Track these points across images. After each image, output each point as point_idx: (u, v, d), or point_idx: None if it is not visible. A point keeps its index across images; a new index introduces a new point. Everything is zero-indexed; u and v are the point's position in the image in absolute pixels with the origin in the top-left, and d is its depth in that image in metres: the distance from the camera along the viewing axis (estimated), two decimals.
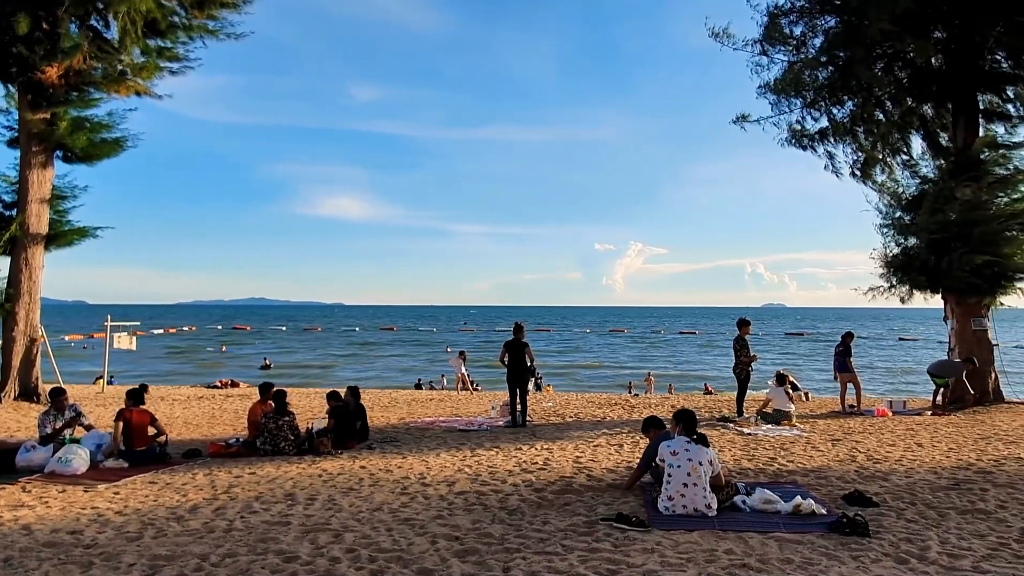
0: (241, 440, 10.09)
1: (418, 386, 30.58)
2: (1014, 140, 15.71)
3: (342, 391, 11.38)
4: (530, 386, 14.24)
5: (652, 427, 7.83)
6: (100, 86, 15.38)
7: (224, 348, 57.60)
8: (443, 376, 32.64)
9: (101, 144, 15.99)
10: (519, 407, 12.70)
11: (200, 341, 63.97)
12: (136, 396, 9.49)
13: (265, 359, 45.75)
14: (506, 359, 12.70)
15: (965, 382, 14.46)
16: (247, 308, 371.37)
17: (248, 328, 70.47)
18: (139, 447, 9.03)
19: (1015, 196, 15.00)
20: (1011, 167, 15.19)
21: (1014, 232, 14.55)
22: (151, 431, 9.31)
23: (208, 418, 14.18)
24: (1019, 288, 15.04)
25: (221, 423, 13.40)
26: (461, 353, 25.25)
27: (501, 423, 12.88)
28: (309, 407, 15.27)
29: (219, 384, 23.24)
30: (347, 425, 10.47)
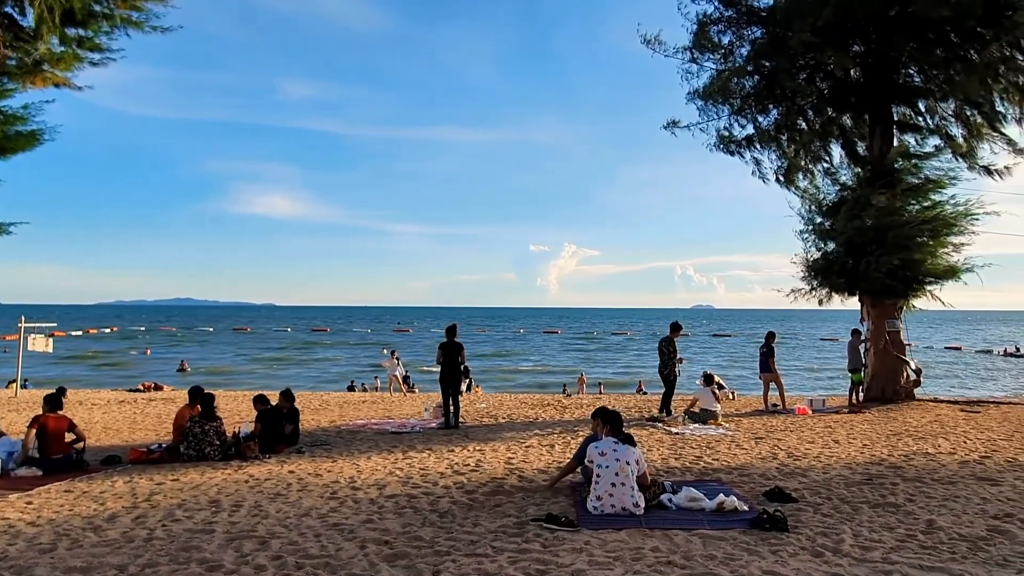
0: (164, 446, 9.77)
1: (351, 388, 30.19)
2: (925, 151, 16.56)
3: (271, 394, 11.15)
4: (463, 386, 14.24)
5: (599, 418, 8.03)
6: (14, 76, 14.63)
7: (148, 351, 55.48)
8: (376, 378, 32.31)
9: (15, 137, 15.19)
10: (452, 408, 12.69)
11: (122, 343, 61.60)
12: (54, 401, 9.09)
13: (182, 361, 44.10)
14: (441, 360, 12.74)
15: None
16: (173, 308, 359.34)
17: (174, 329, 68.32)
18: (55, 454, 8.65)
19: (926, 204, 15.80)
20: (922, 176, 16.02)
21: (924, 237, 15.34)
22: (69, 437, 8.93)
23: (130, 423, 13.68)
24: (929, 291, 15.88)
25: (143, 428, 12.95)
26: (394, 353, 25.04)
27: (434, 425, 12.84)
28: (237, 411, 14.90)
29: (142, 388, 22.45)
30: (275, 429, 10.26)
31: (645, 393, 26.15)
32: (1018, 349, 58.27)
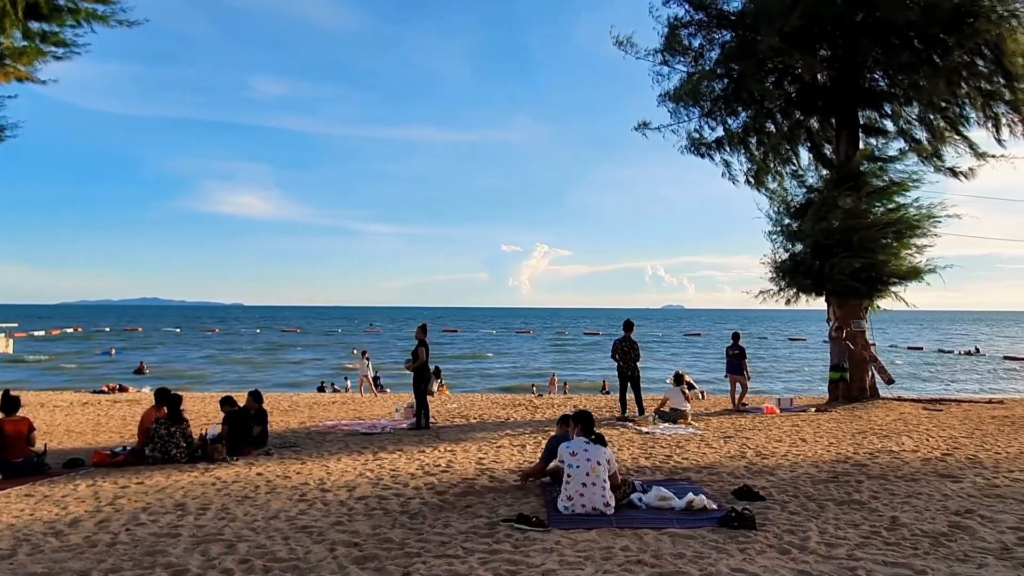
0: (128, 448, 9.59)
1: (321, 388, 29.91)
2: (890, 154, 16.89)
3: (238, 395, 11.00)
4: (434, 387, 14.17)
5: (564, 422, 8.09)
6: None
7: (113, 352, 54.37)
8: (347, 379, 32.06)
9: None
10: (423, 409, 12.64)
11: (86, 344, 60.37)
12: (11, 403, 8.87)
13: (141, 363, 43.03)
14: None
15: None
16: (139, 308, 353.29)
17: (140, 329, 67.14)
18: (14, 458, 8.44)
19: (890, 206, 16.11)
20: (887, 179, 16.34)
21: (889, 239, 15.64)
22: (30, 440, 8.71)
23: (93, 425, 13.41)
24: (893, 291, 16.18)
25: (107, 430, 12.71)
26: (364, 354, 24.87)
27: (405, 425, 12.77)
28: (204, 412, 14.69)
29: (106, 389, 22.00)
30: (243, 430, 10.13)
31: (608, 392, 26.24)
32: (977, 349, 59.69)
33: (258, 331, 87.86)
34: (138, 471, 8.61)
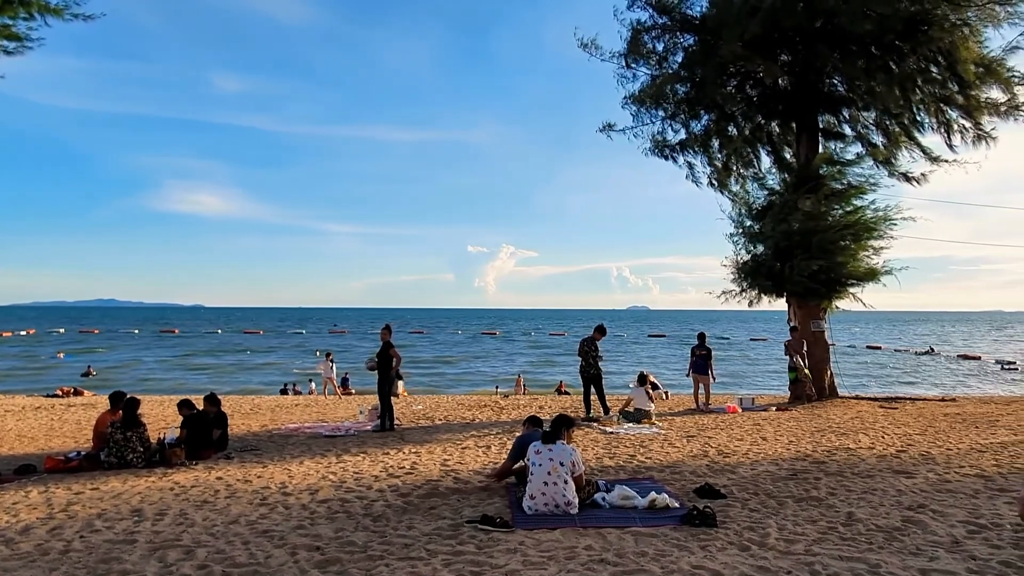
0: (83, 454, 9.37)
1: (283, 391, 29.53)
2: (848, 158, 17.25)
3: (196, 398, 10.81)
4: (400, 388, 14.06)
5: (531, 423, 8.12)
6: None
7: (61, 354, 52.84)
8: (311, 381, 31.72)
9: None
10: (387, 411, 12.56)
11: (39, 347, 58.81)
12: None
13: (89, 366, 41.79)
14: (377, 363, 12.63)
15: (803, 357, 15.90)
16: (96, 310, 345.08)
17: (96, 331, 65.59)
18: None
19: (848, 208, 16.45)
20: (845, 182, 16.68)
21: (847, 241, 15.97)
22: None
23: (46, 430, 13.07)
24: (851, 292, 16.53)
25: (61, 435, 12.39)
26: (328, 355, 24.63)
27: (369, 428, 12.69)
28: (163, 416, 14.42)
29: (60, 393, 21.45)
30: (202, 434, 9.95)
31: (567, 393, 26.30)
32: (932, 349, 61.24)
33: (219, 332, 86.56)
34: (93, 477, 8.41)
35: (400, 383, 22.03)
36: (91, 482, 8.06)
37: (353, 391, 26.93)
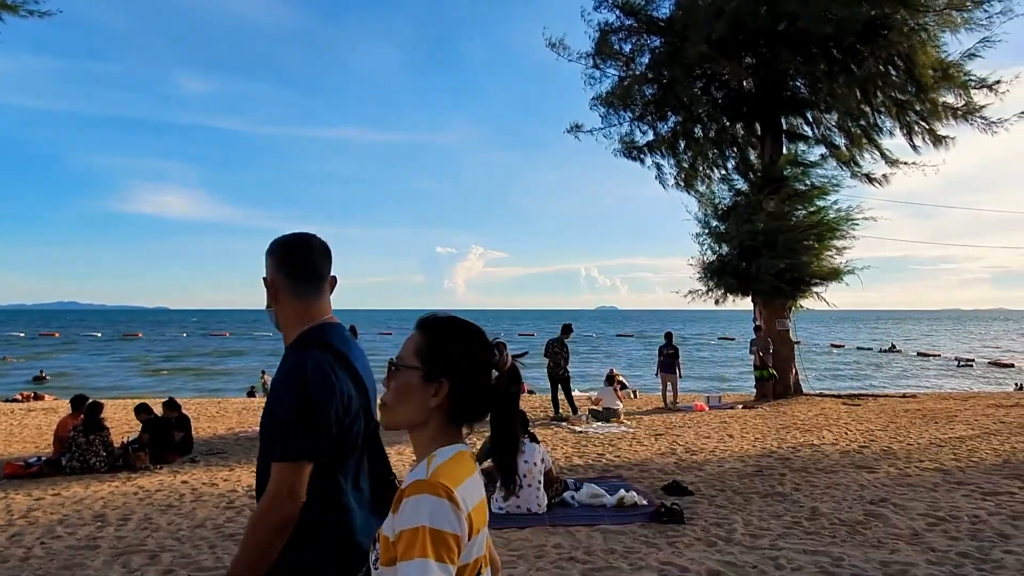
0: (44, 459, 9.16)
1: (251, 394, 29.16)
2: (811, 159, 17.56)
3: (157, 402, 10.63)
4: None
5: None
6: None
7: (10, 359, 51.11)
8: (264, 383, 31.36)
9: None
10: None
11: None
12: None
13: (41, 371, 40.46)
14: None
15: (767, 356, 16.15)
16: (57, 313, 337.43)
17: (57, 335, 64.13)
18: None
19: (811, 209, 16.72)
20: (808, 183, 16.96)
21: (811, 241, 16.23)
22: None
23: (5, 435, 12.74)
24: (815, 292, 16.81)
25: (21, 440, 12.09)
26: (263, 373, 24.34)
27: None
28: (127, 420, 14.13)
29: (20, 398, 20.95)
30: (165, 438, 9.79)
31: (532, 392, 26.28)
32: (894, 346, 62.52)
33: (184, 335, 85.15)
34: (54, 482, 8.23)
35: None
36: (52, 487, 7.89)
37: None
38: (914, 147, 16.59)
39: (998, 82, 15.15)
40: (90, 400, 9.72)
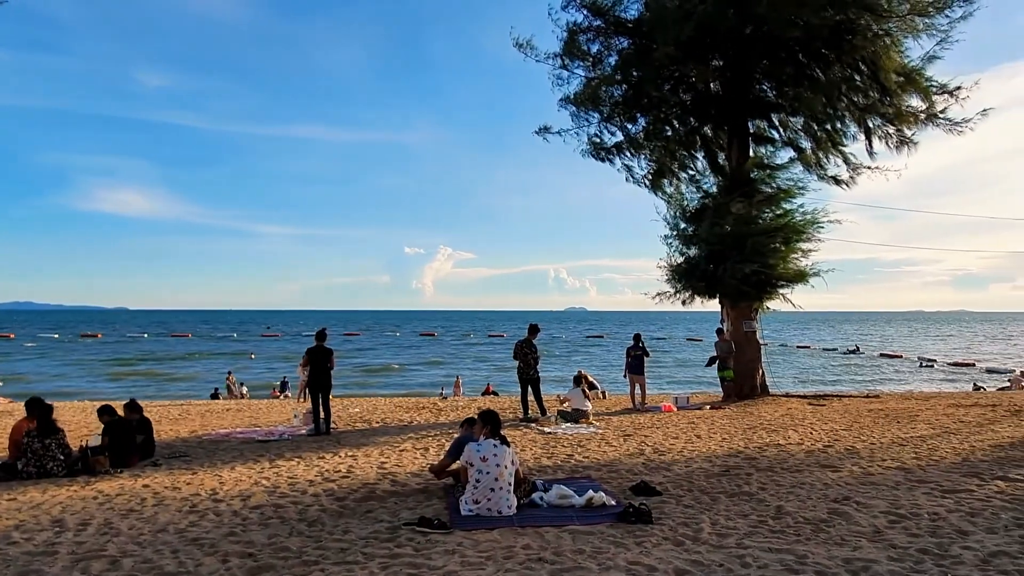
0: None
1: (215, 396, 28.73)
2: (778, 162, 17.78)
3: (119, 404, 10.39)
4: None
5: (469, 424, 8.08)
6: None
7: None
8: (242, 384, 30.96)
9: None
10: (323, 414, 12.34)
11: None
12: None
13: None
14: (308, 366, 12.47)
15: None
16: (11, 313, 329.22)
17: (12, 336, 62.48)
18: None
19: (778, 212, 16.93)
20: (775, 186, 17.16)
21: (778, 244, 16.43)
22: None
23: None
24: (781, 294, 17.02)
25: None
26: (230, 374, 23.99)
27: (304, 432, 12.43)
28: (85, 423, 13.81)
29: None
30: (127, 440, 9.56)
31: (496, 394, 26.31)
32: (858, 348, 63.67)
33: (145, 336, 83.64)
34: (10, 487, 7.99)
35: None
36: (7, 493, 7.65)
37: (289, 394, 26.36)
38: (871, 153, 16.93)
39: (959, 88, 15.50)
40: (43, 403, 9.43)
